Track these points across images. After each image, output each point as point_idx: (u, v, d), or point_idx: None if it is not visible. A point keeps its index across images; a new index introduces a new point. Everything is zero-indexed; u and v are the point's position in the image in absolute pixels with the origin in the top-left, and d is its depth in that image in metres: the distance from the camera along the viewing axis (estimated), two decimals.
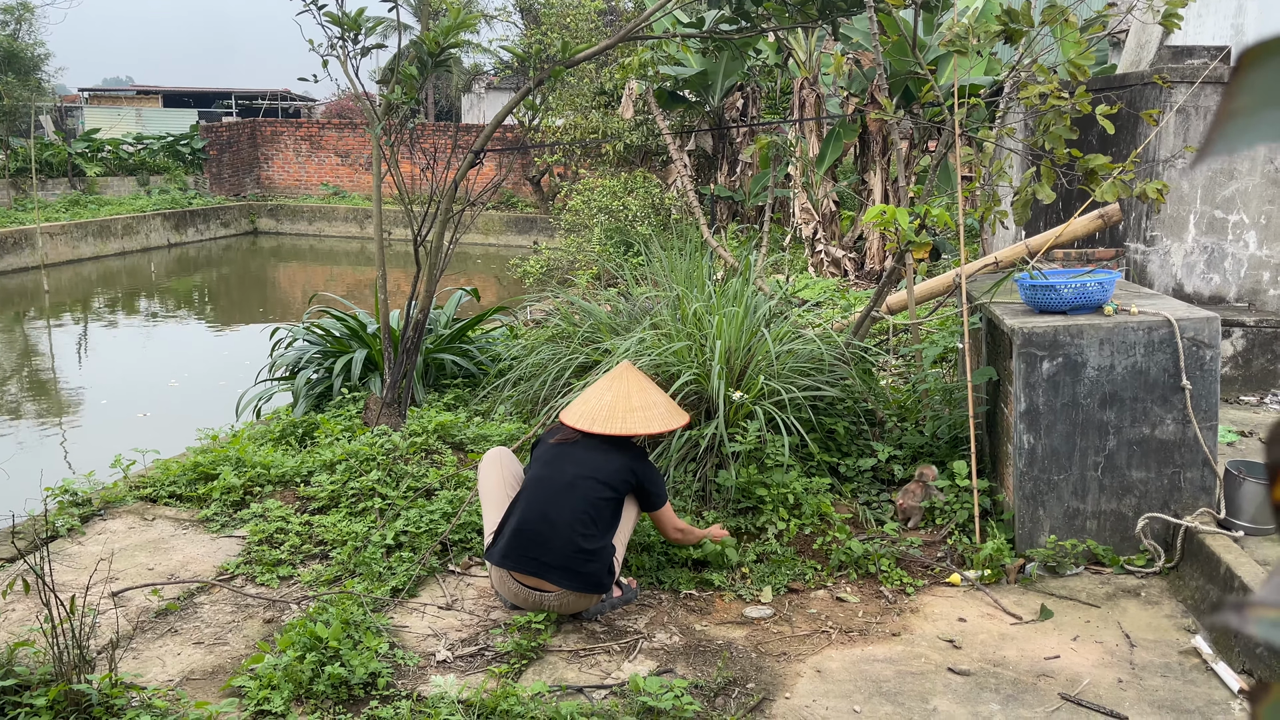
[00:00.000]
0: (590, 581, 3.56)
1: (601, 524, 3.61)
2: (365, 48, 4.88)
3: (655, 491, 3.74)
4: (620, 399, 3.76)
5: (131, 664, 3.27)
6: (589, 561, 3.55)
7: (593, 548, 3.56)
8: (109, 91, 39.33)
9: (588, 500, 3.59)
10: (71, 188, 20.33)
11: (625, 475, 3.66)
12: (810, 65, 10.85)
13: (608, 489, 3.62)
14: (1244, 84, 0.45)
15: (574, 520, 3.56)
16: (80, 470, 4.83)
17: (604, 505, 3.62)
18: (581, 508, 3.58)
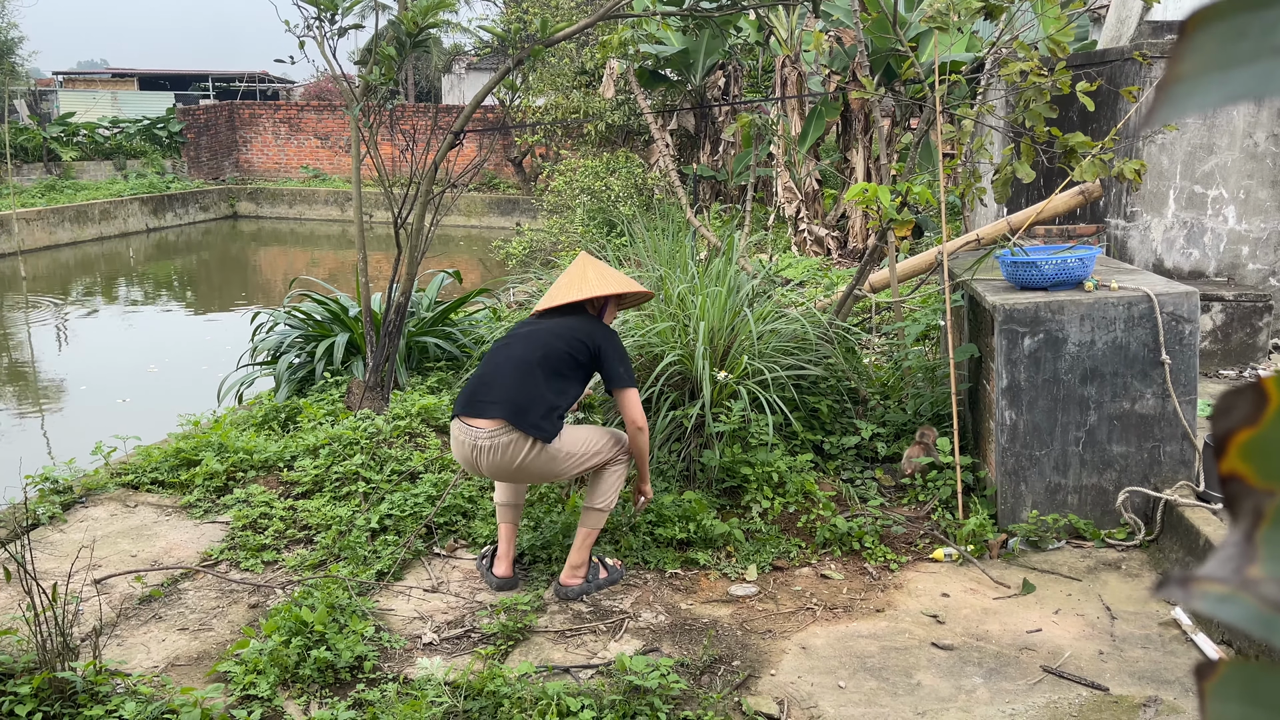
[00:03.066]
0: (526, 420, 3.50)
1: (553, 380, 3.57)
2: (343, 28, 4.82)
3: (613, 365, 3.65)
4: (576, 279, 3.78)
5: (116, 651, 3.26)
6: (531, 402, 3.51)
7: (536, 392, 3.53)
8: (84, 75, 38.80)
9: (544, 354, 3.59)
10: (47, 172, 20.07)
11: (583, 338, 3.62)
12: (792, 43, 10.81)
13: (565, 349, 3.60)
14: (1189, 47, 0.44)
15: (524, 367, 3.57)
16: (61, 457, 4.79)
17: (559, 362, 3.59)
18: (535, 359, 3.58)
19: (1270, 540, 0.43)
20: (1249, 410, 0.44)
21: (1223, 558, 0.44)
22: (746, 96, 12.71)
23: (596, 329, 3.69)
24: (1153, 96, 0.60)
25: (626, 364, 3.70)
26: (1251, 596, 0.42)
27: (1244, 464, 0.44)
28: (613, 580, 3.75)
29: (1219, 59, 0.44)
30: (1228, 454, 0.45)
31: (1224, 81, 0.43)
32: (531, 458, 3.53)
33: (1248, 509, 0.44)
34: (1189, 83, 0.44)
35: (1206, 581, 0.44)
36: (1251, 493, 0.44)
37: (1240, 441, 0.44)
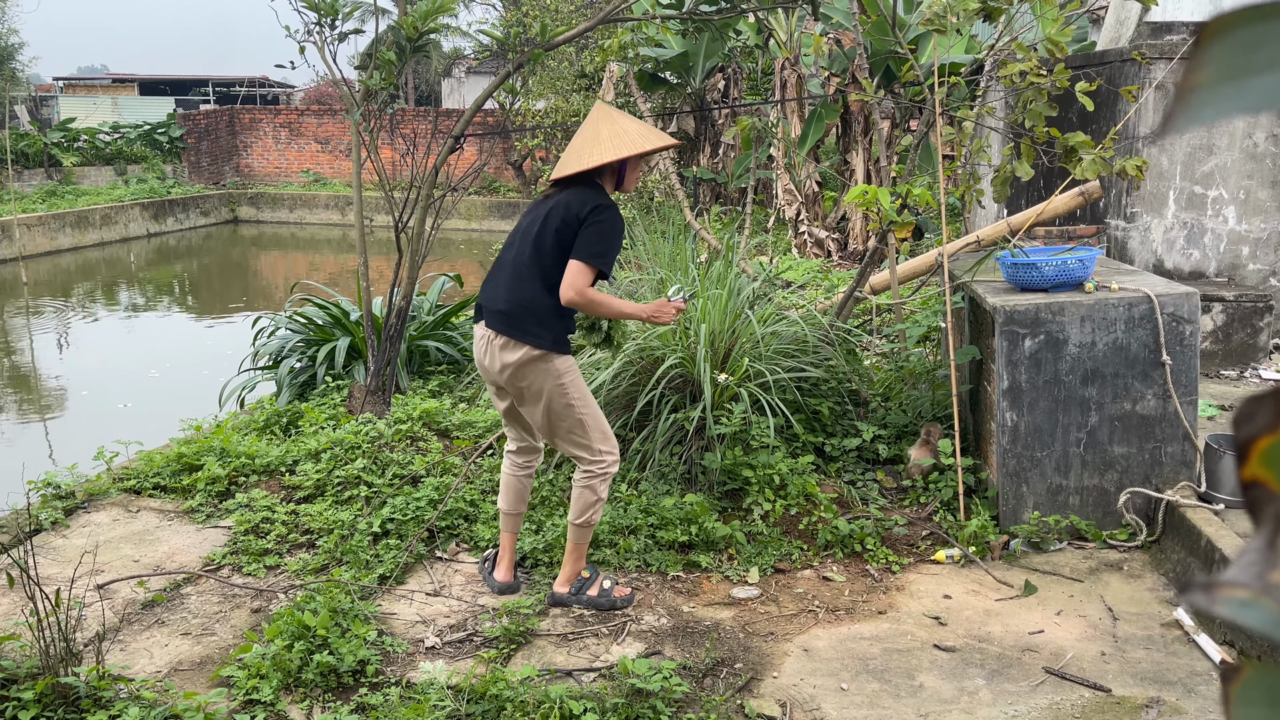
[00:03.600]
0: (522, 329, 3.38)
1: (550, 278, 3.38)
2: (343, 33, 4.84)
3: (584, 237, 3.33)
4: (589, 140, 3.45)
5: (119, 656, 3.27)
6: (526, 310, 3.39)
7: (529, 297, 3.39)
8: (84, 80, 38.86)
9: (535, 250, 3.40)
10: (48, 178, 20.09)
11: (575, 217, 3.35)
12: (791, 46, 10.82)
13: (555, 242, 3.38)
14: (1206, 56, 0.44)
15: (518, 270, 3.44)
16: (62, 463, 4.80)
17: (553, 257, 3.37)
18: (527, 259, 3.41)
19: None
20: (1271, 416, 0.44)
21: (1245, 563, 0.44)
22: (746, 99, 12.72)
23: (589, 202, 3.37)
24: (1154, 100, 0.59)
25: (604, 244, 3.34)
26: (1274, 602, 0.42)
27: (1266, 470, 0.44)
28: (602, 604, 3.60)
29: (1237, 68, 0.43)
30: (1250, 460, 0.45)
31: (1241, 91, 0.43)
32: (535, 374, 3.38)
33: (1270, 515, 0.44)
34: (1206, 91, 0.44)
35: (1230, 587, 0.43)
36: (1274, 499, 0.44)
37: (1262, 448, 0.44)
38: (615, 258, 3.39)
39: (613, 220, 3.36)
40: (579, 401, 3.45)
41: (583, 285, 3.30)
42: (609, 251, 3.35)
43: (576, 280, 3.30)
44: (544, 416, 3.48)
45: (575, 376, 3.47)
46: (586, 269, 3.31)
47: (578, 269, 3.30)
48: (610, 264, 3.36)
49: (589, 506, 3.56)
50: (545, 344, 3.37)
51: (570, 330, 3.50)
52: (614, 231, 3.36)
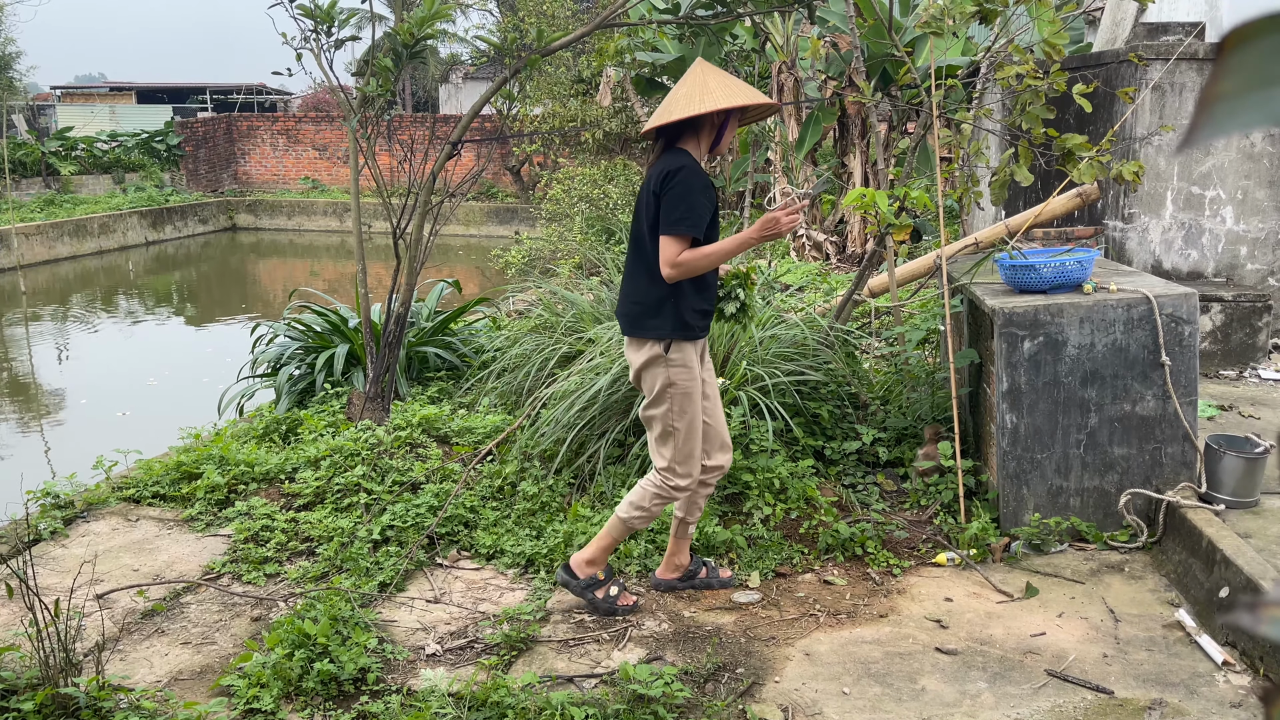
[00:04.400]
0: (630, 321, 3.33)
1: (648, 256, 3.29)
2: (339, 40, 4.84)
3: (666, 207, 3.19)
4: (670, 95, 3.29)
5: (119, 666, 3.26)
6: (640, 306, 3.32)
7: (640, 291, 3.31)
8: (82, 89, 38.88)
9: (635, 240, 3.34)
10: (46, 187, 20.10)
11: (654, 189, 3.23)
12: (788, 49, 10.83)
13: (647, 224, 3.27)
14: (1229, 66, 0.43)
15: (628, 268, 3.36)
16: (61, 472, 4.79)
17: (649, 231, 3.27)
18: (632, 245, 3.35)
19: None
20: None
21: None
22: None
23: (661, 172, 3.23)
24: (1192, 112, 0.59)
25: (681, 207, 3.17)
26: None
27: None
28: (601, 608, 3.55)
29: (1260, 78, 0.43)
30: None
31: (1265, 101, 0.43)
32: (652, 371, 3.31)
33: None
34: (1229, 102, 0.43)
35: (1274, 607, 0.43)
36: None
37: None
38: (704, 215, 3.19)
39: (685, 180, 3.18)
40: (677, 415, 3.36)
41: (672, 257, 3.18)
42: (691, 212, 3.17)
43: (666, 254, 3.19)
44: (643, 411, 3.43)
45: (682, 388, 3.34)
46: (672, 241, 3.18)
47: (664, 244, 3.19)
48: (697, 224, 3.17)
49: (637, 508, 3.47)
50: (665, 333, 3.29)
51: (695, 311, 3.34)
52: (688, 191, 3.18)
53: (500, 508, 4.32)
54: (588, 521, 4.10)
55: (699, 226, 3.17)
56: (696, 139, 3.31)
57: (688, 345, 3.35)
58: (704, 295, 3.38)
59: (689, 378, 3.36)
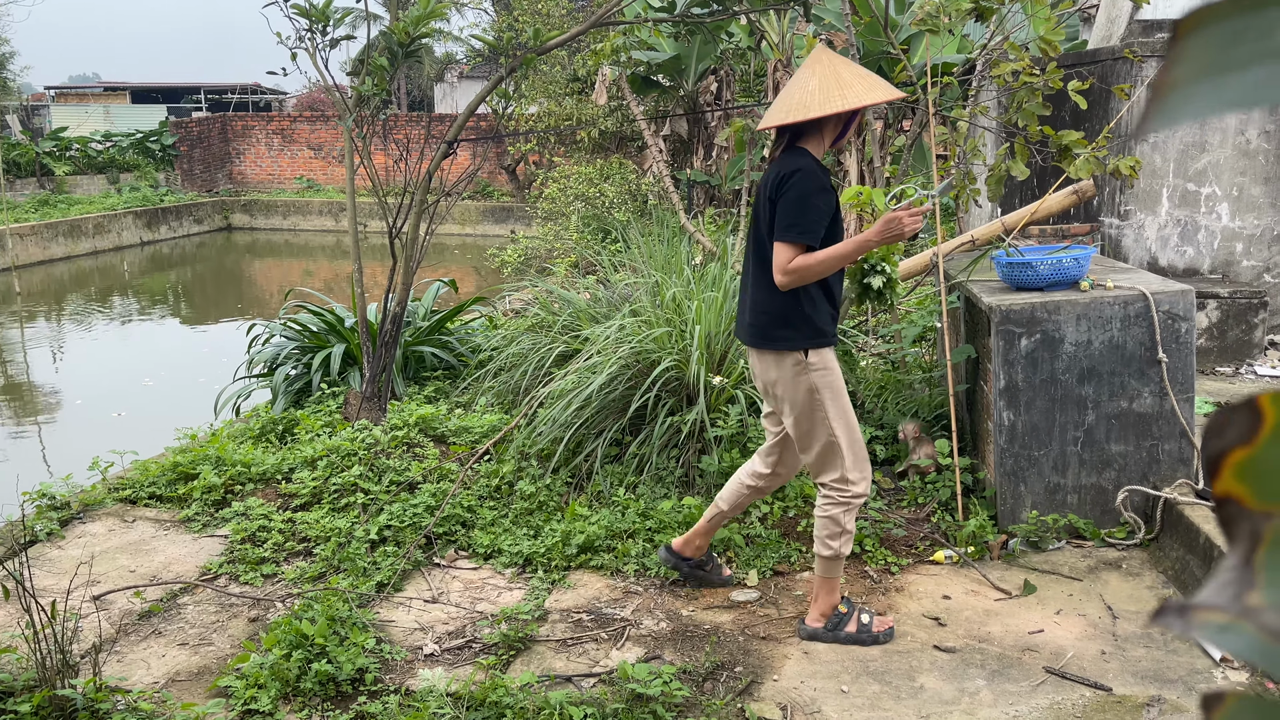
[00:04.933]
0: (758, 333, 3.19)
1: (764, 266, 3.16)
2: (334, 39, 4.83)
3: (781, 212, 3.06)
4: (794, 88, 3.11)
5: (116, 667, 3.25)
6: (764, 316, 3.19)
7: (763, 301, 3.17)
8: (76, 89, 38.78)
9: (756, 246, 3.20)
10: (40, 187, 20.05)
11: (770, 195, 3.10)
12: (783, 47, 10.83)
13: (766, 216, 3.13)
14: (1182, 53, 0.42)
15: (750, 276, 3.23)
16: (57, 473, 4.77)
17: (769, 237, 3.14)
18: (754, 252, 3.21)
19: (1269, 564, 0.41)
20: (1243, 429, 0.43)
21: (1221, 584, 0.42)
22: (739, 101, 12.73)
23: (776, 176, 3.10)
24: (1144, 100, 0.58)
25: (795, 212, 3.04)
26: (1252, 625, 0.40)
27: (1240, 485, 0.42)
28: (864, 640, 3.33)
29: (1215, 64, 0.42)
30: (1222, 475, 0.43)
31: (1220, 88, 0.41)
32: (789, 384, 3.18)
33: (1245, 532, 0.42)
34: (1183, 90, 0.42)
35: (1205, 610, 0.41)
36: (1248, 515, 0.42)
37: (1235, 461, 0.43)
38: (819, 220, 3.06)
39: (800, 184, 3.05)
40: (834, 418, 3.20)
41: (784, 264, 3.05)
42: (803, 217, 3.04)
43: (778, 261, 3.07)
44: (795, 428, 3.26)
45: (832, 388, 3.20)
46: (786, 247, 3.06)
47: (778, 250, 3.07)
48: (812, 230, 3.04)
49: (834, 537, 3.26)
50: (797, 344, 3.16)
51: (826, 318, 3.21)
52: (803, 195, 3.04)
53: (498, 507, 4.32)
54: (585, 520, 4.09)
55: (812, 233, 3.05)
56: (820, 135, 3.17)
57: (826, 349, 3.21)
58: (832, 299, 3.24)
59: (834, 376, 3.21)
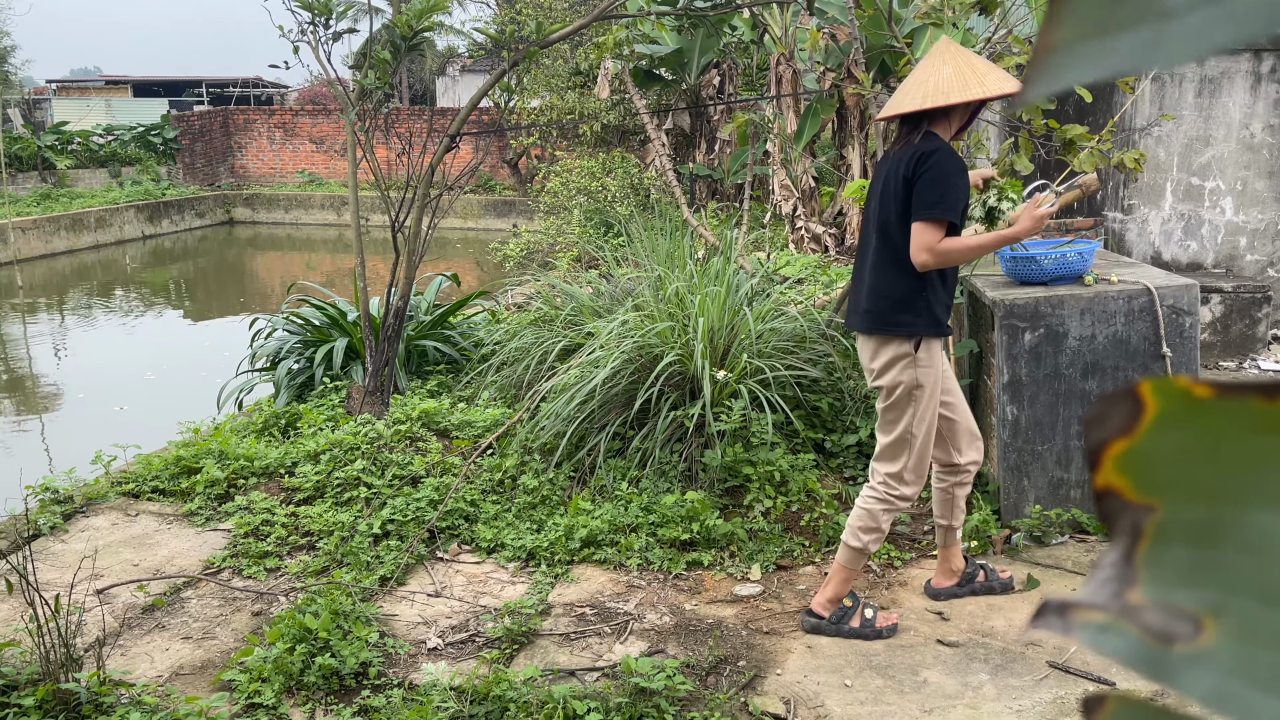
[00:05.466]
0: (875, 318, 3.13)
1: (897, 246, 3.09)
2: (337, 33, 4.81)
3: (920, 190, 3.01)
4: (925, 76, 3.07)
5: (120, 661, 3.25)
6: (880, 297, 3.13)
7: (880, 279, 3.11)
8: (78, 83, 38.74)
9: (885, 220, 3.11)
10: (42, 181, 20.04)
11: (906, 173, 3.04)
12: (786, 41, 10.80)
13: (898, 197, 3.07)
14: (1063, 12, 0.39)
15: (871, 248, 3.15)
16: (59, 466, 4.78)
17: (898, 221, 3.08)
18: (877, 235, 3.13)
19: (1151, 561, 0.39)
20: (1124, 419, 0.41)
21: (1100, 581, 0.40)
22: (742, 95, 12.71)
23: (913, 155, 3.05)
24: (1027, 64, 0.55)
25: (938, 190, 2.99)
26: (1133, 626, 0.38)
27: (1120, 477, 0.41)
28: (866, 635, 3.34)
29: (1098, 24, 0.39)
30: (1102, 467, 0.41)
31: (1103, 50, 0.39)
32: (898, 371, 3.13)
33: (1125, 526, 0.40)
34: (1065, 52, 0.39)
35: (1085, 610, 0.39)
36: (1129, 508, 0.40)
37: (1115, 453, 0.41)
38: (961, 199, 3.04)
39: (942, 163, 3.01)
40: (920, 419, 3.19)
41: (930, 243, 2.99)
42: (947, 195, 3.00)
43: (924, 240, 3.00)
44: (882, 413, 3.24)
45: (930, 389, 3.18)
46: (929, 226, 3.00)
47: (919, 230, 3.01)
48: (956, 209, 3.02)
49: (866, 531, 3.27)
50: (915, 330, 3.13)
51: (943, 308, 3.17)
52: (946, 173, 3.00)
53: (501, 501, 4.32)
54: (588, 515, 4.09)
55: (957, 211, 3.01)
56: (948, 123, 3.13)
57: (936, 344, 3.18)
58: (949, 289, 3.21)
59: (934, 380, 3.19)
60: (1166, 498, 0.40)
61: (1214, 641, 0.37)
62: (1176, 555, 0.39)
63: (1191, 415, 0.40)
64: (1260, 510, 0.37)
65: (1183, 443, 0.40)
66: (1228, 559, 0.38)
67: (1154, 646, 0.37)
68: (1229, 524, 0.38)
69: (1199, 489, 0.39)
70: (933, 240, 3.00)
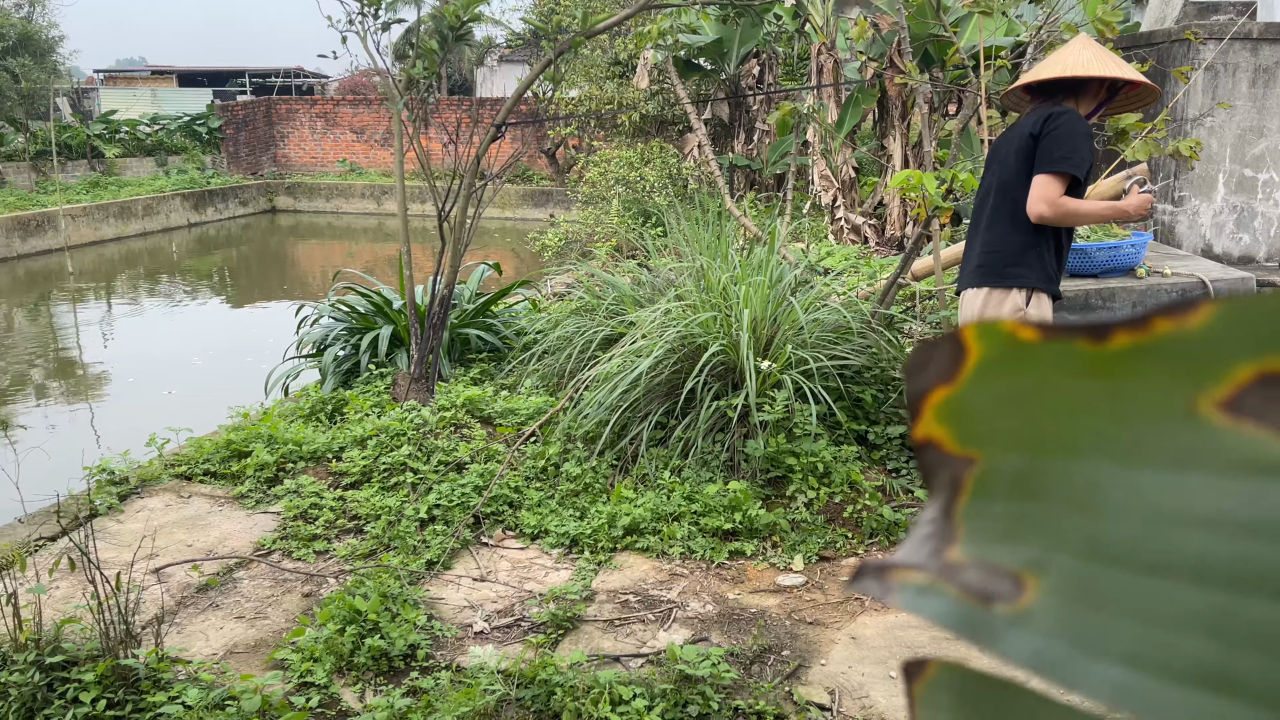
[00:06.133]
0: (987, 271, 3.12)
1: (1015, 201, 3.09)
2: (386, 23, 4.86)
3: (1046, 146, 3.02)
4: (1065, 55, 3.13)
5: (175, 639, 3.33)
6: (992, 251, 3.12)
7: (993, 234, 3.12)
8: (124, 72, 39.36)
9: (1004, 176, 3.14)
10: (91, 169, 20.42)
11: (1030, 130, 3.06)
12: (828, 30, 10.73)
13: (1020, 153, 3.09)
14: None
15: (988, 206, 3.17)
16: (110, 448, 4.89)
17: (1016, 175, 3.11)
18: (996, 192, 3.15)
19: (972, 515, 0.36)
20: (945, 366, 0.38)
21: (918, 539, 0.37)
22: (782, 84, 12.64)
23: (1041, 115, 3.09)
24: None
25: (1065, 146, 3.00)
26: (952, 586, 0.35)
27: (940, 428, 0.38)
28: None
29: None
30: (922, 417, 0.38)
31: None
32: None
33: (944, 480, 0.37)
34: None
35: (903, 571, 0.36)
36: (948, 460, 0.37)
37: (936, 402, 0.38)
38: (1086, 159, 3.02)
39: (1070, 122, 3.02)
40: None
41: (1052, 195, 3.00)
42: (1074, 153, 3.01)
43: (1045, 192, 3.00)
44: None
45: None
46: (1052, 179, 3.01)
47: (1041, 181, 3.02)
48: (1081, 166, 3.00)
49: None
50: (1028, 281, 3.13)
51: (1054, 268, 3.16)
52: (1074, 133, 3.01)
53: (544, 488, 4.36)
54: (631, 503, 4.12)
55: (1081, 167, 3.00)
56: (1075, 105, 3.15)
57: (1047, 302, 3.16)
58: (1061, 257, 3.19)
59: None
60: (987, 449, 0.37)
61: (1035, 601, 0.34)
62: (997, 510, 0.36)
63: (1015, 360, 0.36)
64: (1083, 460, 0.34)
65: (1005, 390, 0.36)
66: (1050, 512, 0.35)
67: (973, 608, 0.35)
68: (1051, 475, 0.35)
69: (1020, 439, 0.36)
70: (1054, 193, 2.99)
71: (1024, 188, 3.08)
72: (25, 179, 19.20)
